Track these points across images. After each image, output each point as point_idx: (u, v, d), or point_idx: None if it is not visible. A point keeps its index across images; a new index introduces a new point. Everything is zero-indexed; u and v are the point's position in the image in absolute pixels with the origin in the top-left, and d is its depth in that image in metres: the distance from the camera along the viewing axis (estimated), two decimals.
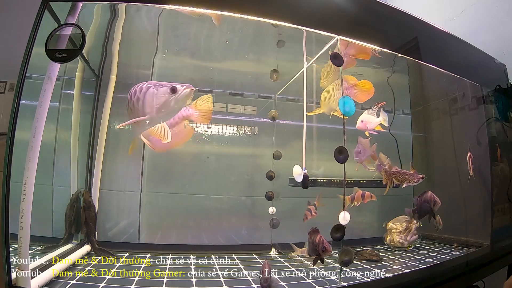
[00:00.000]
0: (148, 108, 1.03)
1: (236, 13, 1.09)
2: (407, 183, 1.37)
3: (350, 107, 1.16)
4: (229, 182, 1.73)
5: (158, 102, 1.03)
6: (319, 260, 1.07)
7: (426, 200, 1.36)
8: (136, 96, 1.04)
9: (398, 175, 1.39)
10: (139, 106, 1.03)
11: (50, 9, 0.95)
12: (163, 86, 1.04)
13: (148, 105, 1.03)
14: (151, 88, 1.04)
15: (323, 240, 1.05)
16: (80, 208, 1.34)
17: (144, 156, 1.62)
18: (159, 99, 1.03)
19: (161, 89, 1.03)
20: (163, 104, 1.03)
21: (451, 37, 1.59)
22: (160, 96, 1.03)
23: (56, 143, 1.44)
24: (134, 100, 1.04)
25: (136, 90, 1.05)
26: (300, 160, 1.42)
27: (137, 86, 1.06)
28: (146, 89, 1.04)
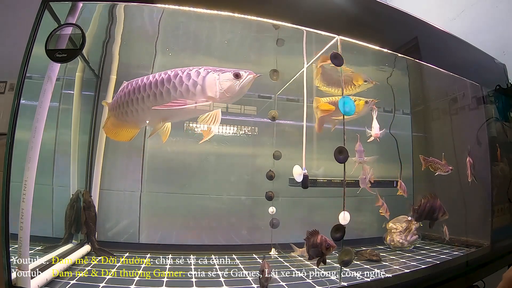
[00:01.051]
0: (210, 92, 1.04)
1: (236, 13, 1.09)
2: (439, 171, 1.47)
3: (350, 107, 1.16)
4: (229, 182, 1.73)
5: (223, 87, 1.04)
6: (322, 262, 1.06)
7: (434, 208, 1.36)
8: (191, 80, 1.04)
9: (433, 164, 1.49)
10: (196, 90, 1.04)
11: (50, 9, 0.95)
12: (224, 71, 1.06)
13: (210, 89, 1.04)
14: (210, 73, 1.05)
15: (325, 239, 1.04)
16: (80, 208, 1.35)
17: (144, 156, 1.62)
18: (224, 84, 1.04)
19: (223, 74, 1.05)
20: (228, 89, 1.04)
21: (451, 37, 1.59)
22: (223, 81, 1.04)
23: (56, 143, 1.44)
24: (188, 84, 1.03)
25: (191, 75, 1.05)
26: (300, 160, 1.42)
27: (186, 70, 1.06)
28: (205, 74, 1.05)
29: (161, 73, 1.08)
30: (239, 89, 1.06)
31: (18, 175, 0.85)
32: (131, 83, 1.14)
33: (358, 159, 1.40)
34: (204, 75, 1.05)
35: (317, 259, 1.06)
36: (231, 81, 1.05)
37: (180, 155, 1.65)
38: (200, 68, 1.07)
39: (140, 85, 1.09)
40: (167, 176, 1.68)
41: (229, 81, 1.05)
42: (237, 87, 1.05)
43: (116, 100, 1.18)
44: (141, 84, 1.09)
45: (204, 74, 1.05)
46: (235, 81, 1.05)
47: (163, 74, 1.07)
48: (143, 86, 1.08)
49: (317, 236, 1.05)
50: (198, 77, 1.05)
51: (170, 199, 1.65)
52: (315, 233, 1.06)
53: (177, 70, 1.07)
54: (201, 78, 1.05)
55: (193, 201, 1.65)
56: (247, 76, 1.06)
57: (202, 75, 1.05)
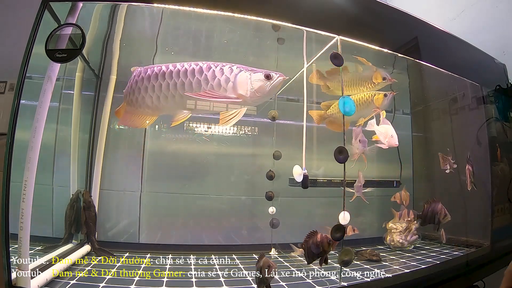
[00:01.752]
0: (241, 90, 1.05)
1: (236, 13, 1.09)
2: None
3: (350, 107, 1.16)
4: (229, 182, 1.73)
5: (254, 86, 1.05)
6: (324, 261, 1.05)
7: (436, 211, 1.37)
8: (224, 76, 1.05)
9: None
10: (228, 86, 1.05)
11: (50, 9, 0.95)
12: (256, 71, 1.07)
13: (242, 87, 1.05)
14: (243, 71, 1.06)
15: (326, 235, 1.04)
16: (80, 208, 1.35)
17: (144, 156, 1.62)
18: (255, 83, 1.06)
19: (254, 74, 1.06)
20: (258, 89, 1.06)
21: (451, 37, 1.59)
22: (255, 80, 1.06)
23: (56, 143, 1.44)
24: (221, 79, 1.05)
25: (224, 70, 1.06)
26: (300, 160, 1.42)
27: (219, 65, 1.06)
28: (238, 71, 1.06)
29: (190, 63, 1.08)
30: (269, 90, 1.07)
31: (18, 175, 0.85)
32: (149, 68, 1.11)
33: (359, 148, 1.36)
34: (237, 72, 1.06)
35: (319, 258, 1.05)
36: (262, 82, 1.06)
37: (180, 155, 1.65)
38: (233, 65, 1.08)
39: (165, 72, 1.08)
40: (167, 176, 1.68)
41: (260, 81, 1.06)
42: (267, 88, 1.07)
43: (130, 86, 1.15)
44: (166, 71, 1.07)
45: (236, 71, 1.06)
46: (265, 81, 1.06)
47: (193, 64, 1.07)
48: (169, 73, 1.07)
49: (316, 235, 1.04)
50: (231, 74, 1.06)
51: (170, 199, 1.65)
52: (314, 233, 1.05)
53: (209, 63, 1.08)
54: (233, 75, 1.06)
55: (193, 201, 1.65)
56: (278, 78, 1.07)
57: (235, 72, 1.06)
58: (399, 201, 1.57)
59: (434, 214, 1.37)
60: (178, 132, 1.62)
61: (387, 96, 1.44)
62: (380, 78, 1.44)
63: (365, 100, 1.47)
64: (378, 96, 1.44)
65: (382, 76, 1.44)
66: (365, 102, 1.47)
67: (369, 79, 1.47)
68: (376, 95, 1.45)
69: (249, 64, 1.12)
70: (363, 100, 1.48)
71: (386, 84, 1.48)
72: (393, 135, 1.34)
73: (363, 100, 1.48)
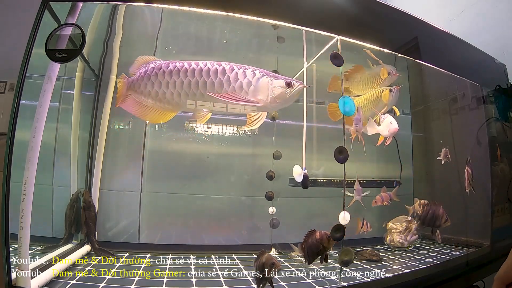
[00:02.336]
0: (261, 95, 1.06)
1: (236, 13, 1.09)
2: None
3: (350, 107, 1.16)
4: (229, 182, 1.73)
5: (274, 92, 1.06)
6: (324, 259, 1.05)
7: (437, 215, 1.36)
8: (246, 79, 1.06)
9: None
10: (249, 90, 1.06)
11: (50, 9, 0.95)
12: (277, 77, 1.08)
13: (262, 92, 1.06)
14: (264, 76, 1.07)
15: (325, 232, 1.04)
16: (80, 208, 1.34)
17: (144, 156, 1.62)
18: (276, 90, 1.06)
19: (276, 80, 1.07)
20: (278, 96, 1.07)
21: (451, 37, 1.59)
22: (276, 87, 1.07)
23: (56, 143, 1.44)
24: (243, 83, 1.05)
25: (246, 73, 1.06)
26: (300, 160, 1.41)
27: (242, 68, 1.07)
28: (260, 76, 1.07)
29: (213, 62, 1.08)
30: (288, 97, 1.08)
31: (18, 175, 0.85)
32: (171, 63, 1.09)
33: (354, 127, 1.33)
34: (259, 77, 1.07)
35: (319, 257, 1.04)
36: (282, 89, 1.07)
37: (180, 155, 1.65)
38: (256, 69, 1.08)
39: (187, 69, 1.07)
40: (167, 176, 1.68)
41: (280, 88, 1.07)
42: (287, 96, 1.07)
43: (147, 77, 1.10)
44: (188, 68, 1.07)
45: (259, 76, 1.07)
46: (286, 89, 1.07)
47: (216, 64, 1.07)
48: (192, 71, 1.07)
49: (315, 234, 1.04)
50: (253, 78, 1.06)
51: (170, 199, 1.65)
52: (313, 232, 1.05)
53: (232, 64, 1.08)
54: (255, 79, 1.06)
55: (193, 201, 1.65)
56: (298, 86, 1.08)
57: (257, 76, 1.07)
58: (381, 202, 1.55)
59: (434, 218, 1.36)
60: (178, 132, 1.62)
61: (392, 91, 1.42)
62: (386, 74, 1.43)
63: (376, 98, 1.46)
64: (385, 92, 1.43)
65: (388, 71, 1.43)
66: (375, 99, 1.46)
67: (378, 75, 1.46)
68: (383, 91, 1.44)
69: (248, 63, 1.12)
70: (373, 97, 1.47)
71: (393, 80, 1.47)
72: (392, 121, 1.33)
73: (373, 97, 1.47)
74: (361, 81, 1.51)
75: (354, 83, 1.52)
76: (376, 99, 1.45)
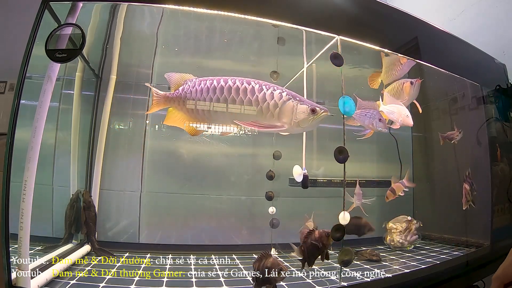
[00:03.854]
0: (285, 118, 1.06)
1: (236, 13, 1.09)
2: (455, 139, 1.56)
3: (350, 107, 1.16)
4: (229, 182, 1.73)
5: (298, 118, 1.05)
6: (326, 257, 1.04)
7: (359, 225, 1.39)
8: (273, 101, 1.05)
9: (449, 136, 1.60)
10: (275, 112, 1.05)
11: (50, 9, 0.95)
12: (303, 102, 1.07)
13: (287, 116, 1.05)
14: (291, 100, 1.06)
15: (323, 230, 1.03)
16: (80, 208, 1.35)
17: (144, 156, 1.62)
18: (299, 115, 1.05)
19: (301, 105, 1.06)
20: (301, 121, 1.06)
21: (451, 37, 1.59)
22: (300, 112, 1.06)
23: (56, 143, 1.44)
24: (270, 104, 1.05)
25: (274, 95, 1.06)
26: (300, 160, 1.41)
27: (271, 88, 1.06)
28: (286, 99, 1.06)
29: (243, 80, 1.08)
30: (311, 123, 1.07)
31: (18, 175, 0.85)
32: (203, 81, 1.11)
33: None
34: (285, 100, 1.06)
35: (320, 256, 1.04)
36: (306, 115, 1.05)
37: (180, 155, 1.65)
38: (283, 91, 1.07)
39: (216, 87, 1.07)
40: (167, 176, 1.68)
41: (304, 113, 1.05)
42: (310, 122, 1.06)
43: (189, 94, 1.11)
44: (217, 86, 1.07)
45: (285, 99, 1.06)
46: (310, 115, 1.05)
47: (246, 83, 1.07)
48: (220, 88, 1.07)
49: (314, 233, 1.04)
50: (280, 100, 1.05)
51: (170, 199, 1.65)
52: (311, 232, 1.04)
53: (261, 83, 1.07)
54: (281, 102, 1.05)
55: (193, 201, 1.65)
56: (322, 114, 1.06)
57: (284, 99, 1.06)
58: (393, 196, 1.54)
59: (357, 228, 1.37)
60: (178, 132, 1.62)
61: (413, 84, 1.39)
62: (405, 59, 1.40)
63: (397, 90, 1.44)
64: (406, 84, 1.40)
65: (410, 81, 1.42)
66: (397, 91, 1.44)
67: (396, 63, 1.44)
68: (404, 83, 1.42)
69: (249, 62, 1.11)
70: (396, 89, 1.44)
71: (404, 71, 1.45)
72: (408, 114, 1.31)
73: (396, 89, 1.44)
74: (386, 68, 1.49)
75: (391, 74, 1.48)
76: (398, 91, 1.43)
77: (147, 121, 1.64)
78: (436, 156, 1.79)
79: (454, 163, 1.76)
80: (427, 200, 1.89)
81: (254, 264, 0.98)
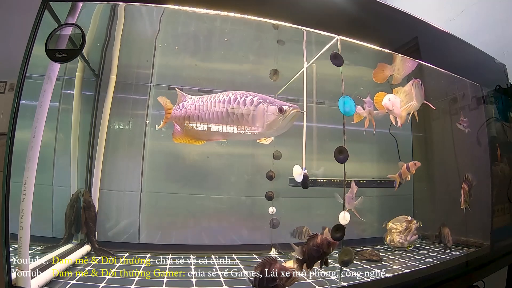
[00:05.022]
0: (258, 122, 1.08)
1: (236, 13, 1.09)
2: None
3: (350, 107, 1.16)
4: (229, 182, 1.73)
5: (268, 120, 1.07)
6: (325, 263, 1.04)
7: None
8: (246, 107, 1.08)
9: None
10: (249, 118, 1.07)
11: (50, 9, 0.95)
12: (273, 104, 1.08)
13: (259, 120, 1.08)
14: (261, 104, 1.08)
15: (325, 237, 1.03)
16: (80, 208, 1.34)
17: (144, 156, 1.62)
18: (269, 117, 1.07)
19: (270, 107, 1.07)
20: (272, 123, 1.07)
21: (451, 37, 1.59)
22: (270, 114, 1.07)
23: (56, 143, 1.44)
24: (243, 111, 1.08)
25: (246, 101, 1.08)
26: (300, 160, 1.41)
27: (244, 96, 1.08)
28: (257, 103, 1.08)
29: (224, 93, 1.11)
30: (282, 124, 1.07)
31: (18, 175, 0.85)
32: (196, 99, 1.15)
33: (367, 109, 1.38)
34: (256, 104, 1.08)
35: (319, 261, 1.04)
36: (275, 115, 1.06)
37: (180, 155, 1.65)
38: (254, 96, 1.09)
39: (212, 102, 1.12)
40: (167, 176, 1.68)
41: (273, 114, 1.06)
42: (280, 122, 1.07)
43: (185, 114, 1.17)
44: (213, 101, 1.11)
45: (256, 103, 1.08)
46: (278, 115, 1.06)
47: (225, 95, 1.10)
48: (211, 103, 1.11)
49: (316, 238, 1.03)
50: (251, 105, 1.07)
51: (170, 199, 1.65)
52: (314, 236, 1.04)
53: (237, 93, 1.10)
54: (253, 107, 1.07)
55: (193, 201, 1.65)
56: (290, 112, 1.06)
57: (254, 104, 1.08)
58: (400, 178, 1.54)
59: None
60: None
61: (413, 84, 1.39)
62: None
63: (408, 92, 1.44)
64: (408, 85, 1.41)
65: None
66: (408, 93, 1.44)
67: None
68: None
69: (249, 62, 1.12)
70: (407, 92, 1.45)
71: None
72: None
73: (407, 92, 1.45)
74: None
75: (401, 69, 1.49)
76: (409, 93, 1.44)
77: (147, 121, 1.64)
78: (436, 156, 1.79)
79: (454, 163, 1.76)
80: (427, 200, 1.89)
81: (256, 269, 0.96)
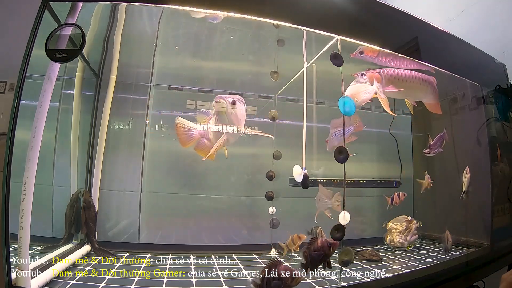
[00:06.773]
0: (242, 122, 1.21)
1: (236, 13, 1.09)
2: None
3: (350, 107, 1.16)
4: (229, 182, 1.73)
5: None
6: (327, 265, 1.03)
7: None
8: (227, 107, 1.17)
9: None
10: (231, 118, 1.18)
11: (50, 9, 0.95)
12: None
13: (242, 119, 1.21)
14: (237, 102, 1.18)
15: (326, 239, 1.03)
16: (80, 208, 1.34)
17: (144, 156, 1.62)
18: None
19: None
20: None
21: (451, 37, 1.59)
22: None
23: (56, 143, 1.44)
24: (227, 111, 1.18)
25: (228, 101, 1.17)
26: (300, 160, 1.41)
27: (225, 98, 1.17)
28: (230, 101, 1.17)
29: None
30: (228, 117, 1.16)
31: (18, 175, 0.85)
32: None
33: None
34: (230, 102, 1.16)
35: (322, 264, 1.03)
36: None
37: (180, 155, 1.65)
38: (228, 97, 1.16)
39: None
40: (167, 176, 1.68)
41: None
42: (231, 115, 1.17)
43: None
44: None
45: (230, 101, 1.16)
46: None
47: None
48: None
49: (316, 242, 1.03)
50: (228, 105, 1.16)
51: (170, 199, 1.65)
52: (314, 240, 1.03)
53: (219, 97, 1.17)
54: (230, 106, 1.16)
55: (193, 201, 1.65)
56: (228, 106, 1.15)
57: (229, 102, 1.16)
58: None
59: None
60: None
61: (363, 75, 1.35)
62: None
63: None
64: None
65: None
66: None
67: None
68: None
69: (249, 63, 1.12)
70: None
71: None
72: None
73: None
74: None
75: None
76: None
77: (147, 121, 1.64)
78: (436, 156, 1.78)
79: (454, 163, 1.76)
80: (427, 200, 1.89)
81: (262, 272, 0.95)
